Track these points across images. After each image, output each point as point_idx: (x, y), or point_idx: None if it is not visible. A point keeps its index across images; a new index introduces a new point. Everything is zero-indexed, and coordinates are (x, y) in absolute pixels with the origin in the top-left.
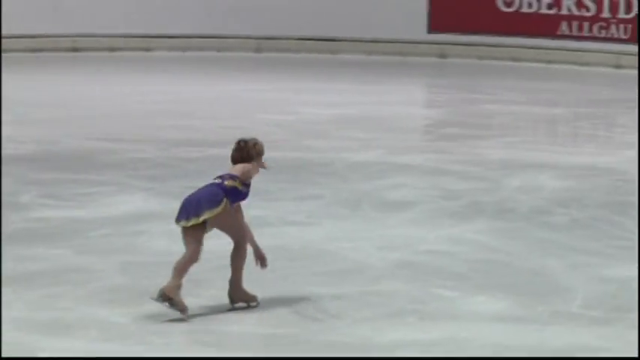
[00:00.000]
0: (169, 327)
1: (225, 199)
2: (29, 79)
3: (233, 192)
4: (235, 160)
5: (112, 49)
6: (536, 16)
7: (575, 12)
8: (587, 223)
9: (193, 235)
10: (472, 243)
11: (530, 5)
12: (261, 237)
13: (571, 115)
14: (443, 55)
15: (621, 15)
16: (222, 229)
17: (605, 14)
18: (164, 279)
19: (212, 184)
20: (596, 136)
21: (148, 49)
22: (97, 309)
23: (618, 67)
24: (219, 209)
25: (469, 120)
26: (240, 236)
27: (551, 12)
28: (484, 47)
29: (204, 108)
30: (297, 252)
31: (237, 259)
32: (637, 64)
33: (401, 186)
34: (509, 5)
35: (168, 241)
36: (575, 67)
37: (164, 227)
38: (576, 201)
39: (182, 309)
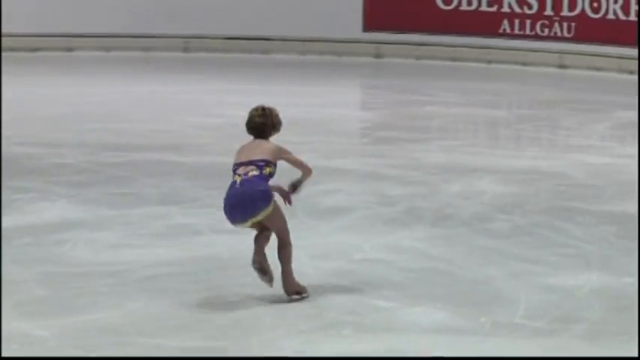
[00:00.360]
0: (93, 340)
1: (273, 195)
2: None
3: (270, 178)
4: (260, 129)
5: (32, 49)
6: (477, 14)
7: (517, 9)
8: (530, 229)
9: (258, 227)
10: (410, 251)
11: (470, 3)
12: (190, 246)
13: (513, 117)
14: (379, 55)
15: (565, 13)
16: (270, 224)
17: (548, 12)
18: (88, 290)
19: (255, 177)
20: (539, 138)
21: (69, 49)
22: (18, 322)
23: (562, 67)
24: (271, 207)
25: (407, 122)
26: (284, 231)
27: (492, 9)
28: (422, 46)
29: (130, 110)
30: (228, 261)
31: (283, 252)
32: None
33: (336, 192)
34: (448, 3)
35: (92, 251)
36: (517, 67)
37: (88, 236)
38: (518, 207)
39: (303, 290)
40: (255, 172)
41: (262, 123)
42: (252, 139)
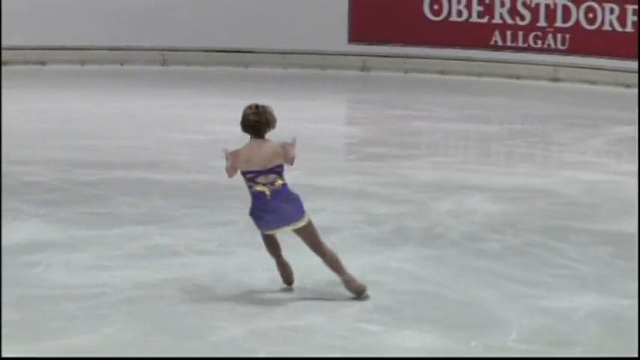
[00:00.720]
0: None
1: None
2: None
3: None
4: (255, 127)
5: (2, 63)
6: (467, 26)
7: (509, 21)
8: (523, 249)
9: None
10: (398, 272)
11: (460, 13)
12: (169, 268)
13: (505, 133)
14: (365, 68)
15: (559, 24)
16: (304, 235)
17: (542, 23)
18: (62, 314)
19: (283, 187)
20: (533, 155)
21: (42, 63)
22: None
23: (555, 80)
24: (306, 217)
25: (395, 138)
26: (319, 240)
27: (483, 21)
28: (410, 59)
29: (104, 126)
30: (209, 284)
31: (329, 261)
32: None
33: (321, 210)
34: (437, 13)
35: (66, 273)
36: (509, 81)
37: (62, 257)
38: (511, 226)
39: (363, 289)
40: (281, 181)
41: (257, 121)
42: (248, 138)
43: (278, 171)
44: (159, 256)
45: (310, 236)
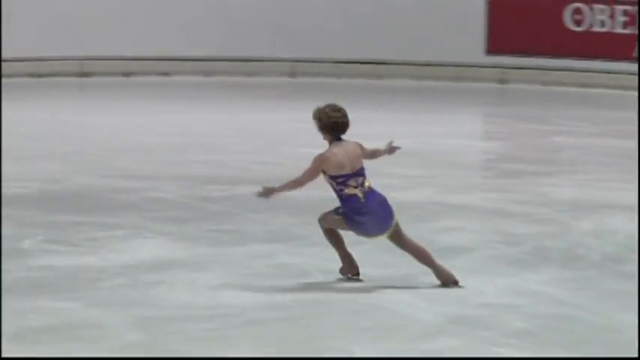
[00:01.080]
0: None
1: None
2: (31, 107)
3: None
4: (345, 129)
5: (126, 74)
6: (610, 36)
7: None
8: None
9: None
10: (537, 295)
11: (602, 24)
12: (297, 288)
13: None
14: (503, 80)
15: None
16: (398, 235)
17: None
18: (186, 335)
19: (373, 188)
20: None
21: (166, 74)
22: None
23: None
24: (396, 217)
25: (533, 154)
26: (406, 240)
27: (627, 31)
28: (550, 71)
29: (231, 141)
30: (340, 305)
31: (419, 256)
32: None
33: (456, 229)
34: (578, 23)
35: (190, 292)
36: None
37: (186, 276)
38: None
39: (454, 279)
40: (367, 182)
41: (347, 123)
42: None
43: (364, 172)
44: (287, 276)
45: (399, 235)
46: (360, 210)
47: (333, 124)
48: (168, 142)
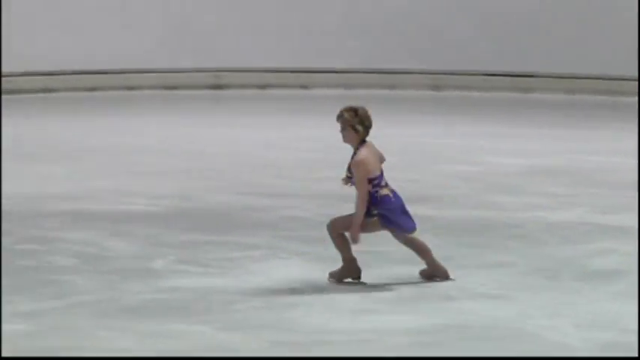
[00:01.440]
0: None
1: None
2: (158, 120)
3: None
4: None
5: (262, 86)
6: None
7: None
8: None
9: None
10: None
11: None
12: (441, 313)
13: None
14: None
15: None
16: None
17: None
18: None
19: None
20: None
21: (304, 86)
22: None
23: None
24: None
25: None
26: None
27: None
28: None
29: None
30: (485, 331)
31: (418, 250)
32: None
33: (609, 252)
34: None
35: (327, 316)
36: None
37: (324, 299)
38: None
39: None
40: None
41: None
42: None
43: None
44: (429, 300)
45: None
46: (395, 210)
47: (369, 124)
48: (304, 158)
